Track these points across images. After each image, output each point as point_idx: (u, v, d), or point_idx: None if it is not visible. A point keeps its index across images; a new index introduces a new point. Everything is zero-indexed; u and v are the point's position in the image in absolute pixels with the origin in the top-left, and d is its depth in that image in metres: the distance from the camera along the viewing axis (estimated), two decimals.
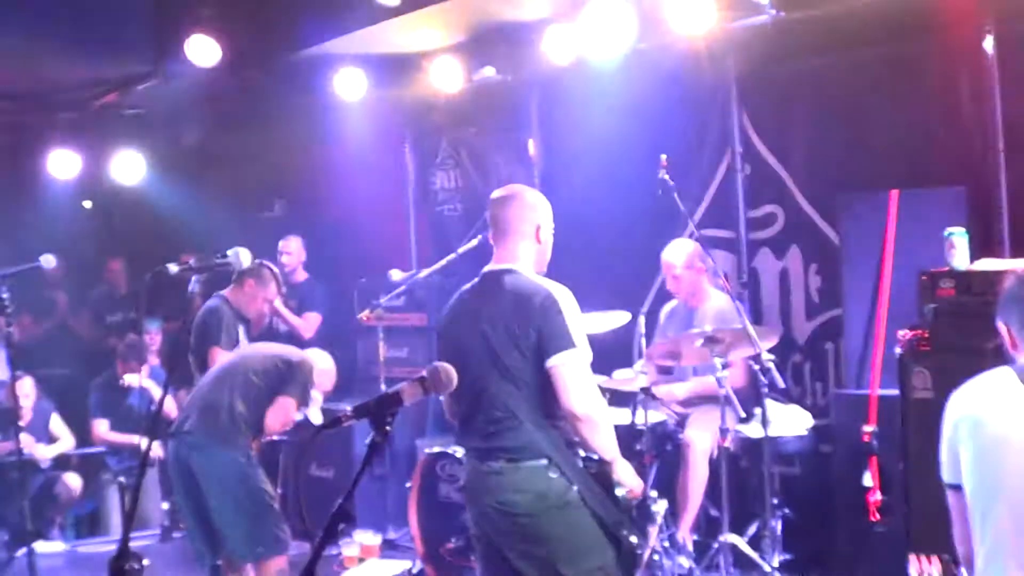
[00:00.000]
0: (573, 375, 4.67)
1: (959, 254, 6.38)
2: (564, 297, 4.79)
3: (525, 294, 4.81)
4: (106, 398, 10.53)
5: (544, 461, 4.71)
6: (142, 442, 8.94)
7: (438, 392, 3.43)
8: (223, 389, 7.04)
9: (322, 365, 7.56)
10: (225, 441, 6.88)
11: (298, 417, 7.35)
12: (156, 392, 10.17)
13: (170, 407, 8.84)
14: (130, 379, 10.29)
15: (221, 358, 7.67)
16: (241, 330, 8.19)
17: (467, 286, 5.21)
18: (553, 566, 4.69)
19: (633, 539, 4.83)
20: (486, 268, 5.13)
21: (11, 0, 8.80)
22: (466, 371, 4.12)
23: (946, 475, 3.75)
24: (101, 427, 10.47)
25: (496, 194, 5.21)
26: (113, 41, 9.31)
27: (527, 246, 5.05)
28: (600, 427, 4.75)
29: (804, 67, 8.39)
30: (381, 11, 8.34)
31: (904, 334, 6.40)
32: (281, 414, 7.06)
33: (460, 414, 4.99)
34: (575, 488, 4.72)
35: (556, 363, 4.67)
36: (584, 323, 4.86)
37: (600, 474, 4.83)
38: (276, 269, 8.56)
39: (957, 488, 3.69)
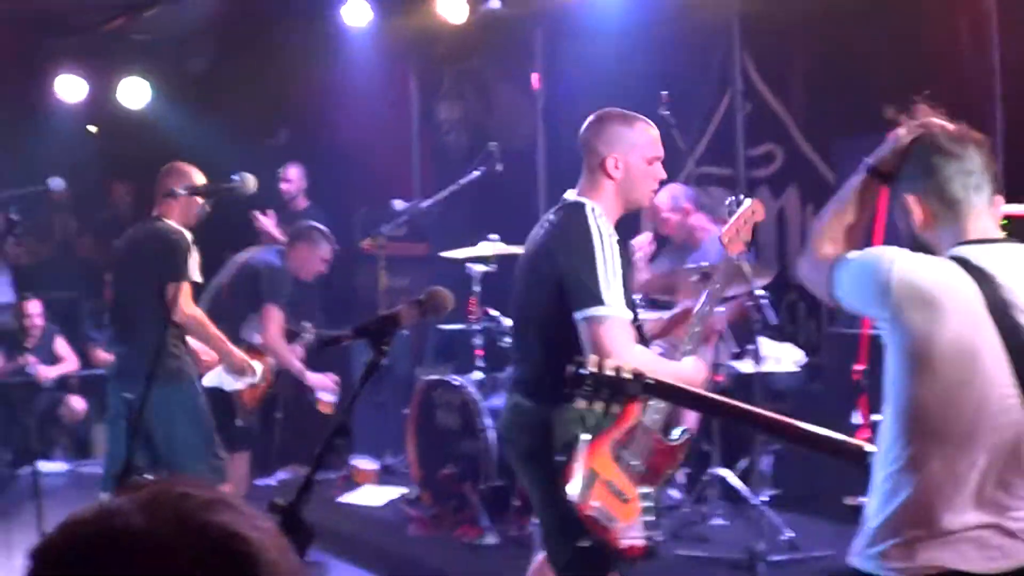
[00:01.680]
0: (600, 334, 4.23)
1: None
2: (596, 244, 4.34)
3: (560, 229, 4.50)
4: (99, 322, 10.66)
5: (549, 404, 4.46)
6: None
7: (436, 315, 3.51)
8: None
9: None
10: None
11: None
12: None
13: None
14: None
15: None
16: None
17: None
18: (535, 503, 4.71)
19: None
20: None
21: None
22: (512, 301, 4.11)
23: (849, 297, 3.29)
24: (99, 350, 10.60)
25: None
26: None
27: (599, 179, 4.55)
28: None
29: (807, 8, 8.42)
30: None
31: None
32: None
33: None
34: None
35: (583, 316, 4.28)
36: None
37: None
38: (325, 230, 8.66)
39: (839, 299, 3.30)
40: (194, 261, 6.62)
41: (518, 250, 8.02)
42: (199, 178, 6.91)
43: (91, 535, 1.34)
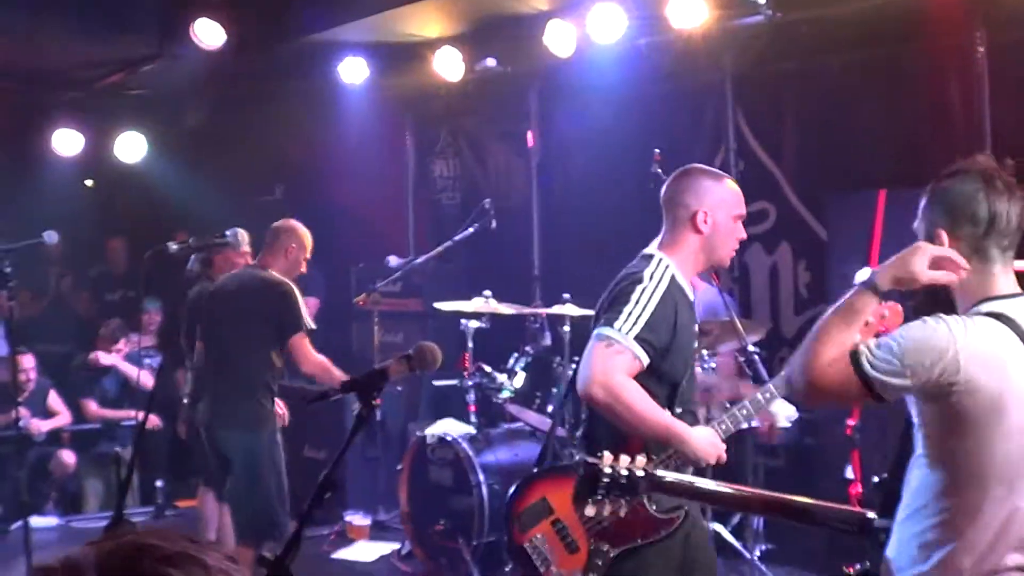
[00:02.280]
0: (596, 351, 4.28)
1: None
2: (640, 286, 4.36)
3: (625, 273, 4.49)
4: (87, 378, 10.69)
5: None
6: (139, 416, 9.12)
7: (424, 370, 3.52)
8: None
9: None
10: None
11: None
12: (132, 372, 10.25)
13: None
14: (96, 358, 10.48)
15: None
16: None
17: None
18: None
19: None
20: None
21: None
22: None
23: (878, 370, 3.17)
24: (91, 405, 10.63)
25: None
26: (119, 22, 9.38)
27: (683, 233, 4.54)
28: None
29: (799, 67, 8.52)
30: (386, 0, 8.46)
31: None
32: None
33: None
34: None
35: (594, 332, 4.34)
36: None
37: None
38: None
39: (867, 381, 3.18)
40: (305, 309, 7.09)
41: (509, 309, 8.11)
42: (308, 240, 7.49)
43: None
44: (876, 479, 3.46)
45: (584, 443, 4.52)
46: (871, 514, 3.22)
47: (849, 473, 7.08)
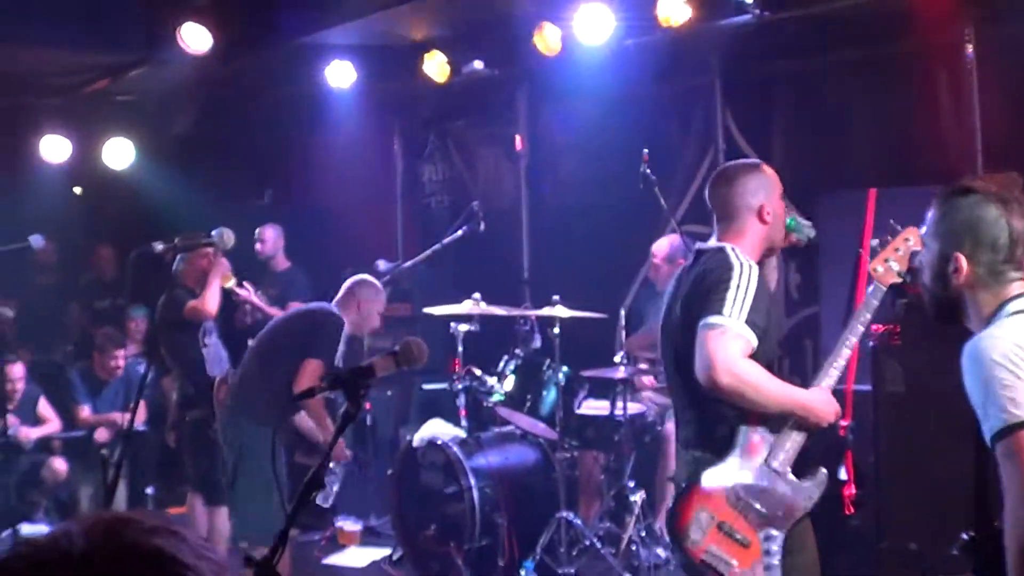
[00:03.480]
0: (709, 338, 4.29)
1: None
2: (735, 273, 4.40)
3: (707, 268, 4.52)
4: (87, 385, 10.62)
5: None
6: (124, 420, 9.06)
7: (410, 366, 3.49)
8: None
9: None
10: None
11: None
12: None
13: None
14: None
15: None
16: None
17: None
18: None
19: None
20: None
21: None
22: (664, 353, 4.52)
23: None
24: (84, 411, 10.56)
25: (715, 173, 4.89)
26: (105, 27, 9.35)
27: (748, 225, 4.65)
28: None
29: (787, 67, 8.51)
30: (373, 3, 8.43)
31: (876, 329, 6.53)
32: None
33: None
34: None
35: (702, 323, 4.34)
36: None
37: None
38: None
39: None
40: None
41: (499, 311, 8.07)
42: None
43: (36, 557, 1.39)
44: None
45: (700, 444, 4.57)
46: None
47: (843, 474, 7.04)
